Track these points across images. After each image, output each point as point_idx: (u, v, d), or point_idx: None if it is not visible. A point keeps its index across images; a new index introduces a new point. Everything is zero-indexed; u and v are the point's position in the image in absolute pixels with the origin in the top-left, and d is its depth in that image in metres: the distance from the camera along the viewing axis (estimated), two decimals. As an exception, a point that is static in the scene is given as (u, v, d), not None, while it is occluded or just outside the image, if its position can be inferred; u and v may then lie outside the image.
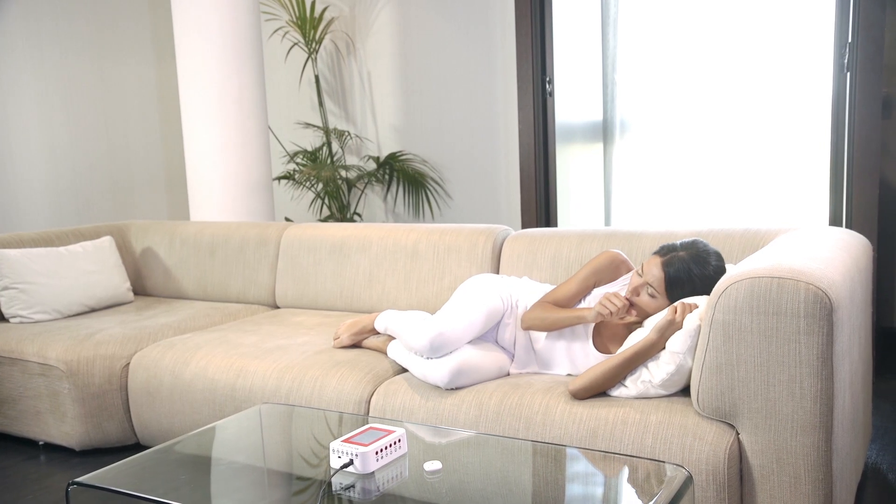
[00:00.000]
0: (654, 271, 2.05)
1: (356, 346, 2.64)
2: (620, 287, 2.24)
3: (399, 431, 1.74)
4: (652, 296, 2.05)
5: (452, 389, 2.18)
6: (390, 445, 1.70)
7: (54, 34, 4.62)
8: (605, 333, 2.22)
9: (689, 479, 1.58)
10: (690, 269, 2.02)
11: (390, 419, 2.19)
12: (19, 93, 4.48)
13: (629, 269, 2.28)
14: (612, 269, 2.25)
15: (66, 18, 4.68)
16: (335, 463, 1.67)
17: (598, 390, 2.00)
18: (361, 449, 1.64)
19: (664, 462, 1.68)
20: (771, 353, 1.73)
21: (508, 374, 2.29)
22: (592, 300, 2.24)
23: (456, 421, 2.10)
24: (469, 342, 2.26)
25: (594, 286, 2.26)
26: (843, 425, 1.84)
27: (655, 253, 2.09)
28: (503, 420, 2.04)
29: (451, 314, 2.26)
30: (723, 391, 1.80)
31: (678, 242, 2.09)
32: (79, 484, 1.70)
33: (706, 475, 1.79)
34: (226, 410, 2.53)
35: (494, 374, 2.25)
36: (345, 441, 1.68)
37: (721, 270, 2.07)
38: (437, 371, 2.18)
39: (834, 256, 1.93)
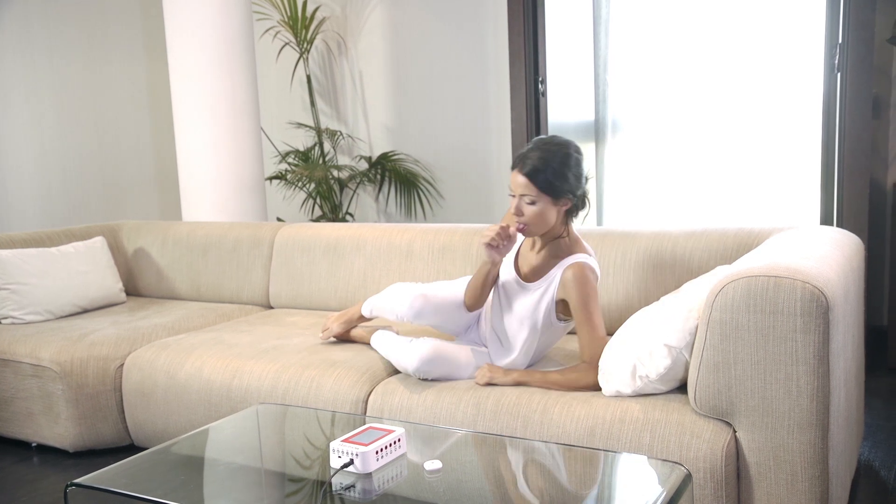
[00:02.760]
0: (517, 180, 2.08)
1: (345, 339, 2.68)
2: (520, 238, 2.28)
3: (399, 431, 1.74)
4: (532, 203, 2.07)
5: (425, 380, 2.22)
6: (390, 445, 1.70)
7: (45, 37, 4.60)
8: (527, 270, 2.24)
9: (688, 477, 1.59)
10: (545, 157, 2.05)
11: (388, 419, 2.19)
12: (10, 95, 4.46)
13: None
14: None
15: (57, 21, 4.66)
16: (335, 463, 1.67)
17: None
18: (362, 449, 1.64)
19: (664, 460, 1.69)
20: (768, 352, 1.74)
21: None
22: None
23: (454, 420, 2.11)
24: (447, 340, 2.30)
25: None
26: (839, 422, 1.85)
27: (512, 169, 2.11)
28: (501, 419, 2.05)
29: (436, 286, 2.36)
30: (720, 389, 1.81)
31: (524, 149, 2.11)
32: (77, 485, 1.69)
33: (704, 473, 1.80)
34: (221, 411, 2.53)
35: (467, 369, 2.26)
36: (345, 441, 1.68)
37: (574, 145, 2.11)
38: (408, 357, 2.23)
39: (828, 255, 1.95)
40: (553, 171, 2.04)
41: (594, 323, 2.10)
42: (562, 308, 2.18)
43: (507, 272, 2.26)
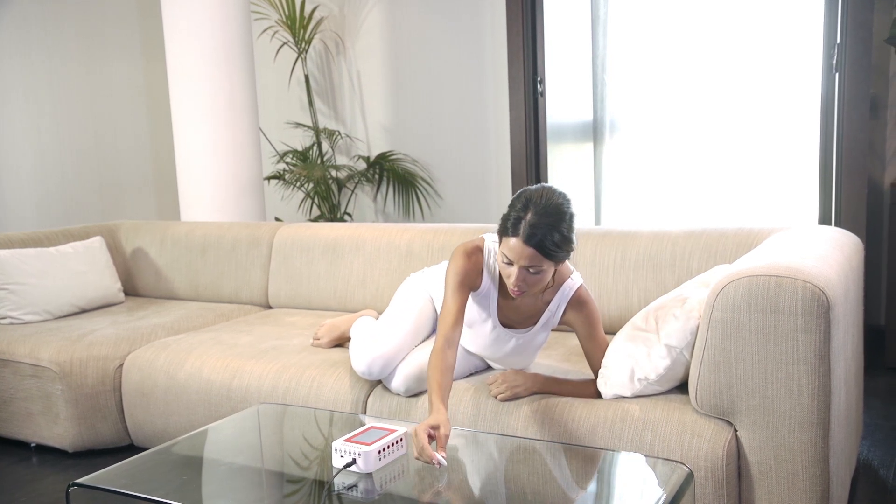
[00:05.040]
0: (523, 253, 1.86)
1: (338, 345, 2.67)
2: (490, 282, 2.09)
3: (400, 431, 1.74)
4: (537, 272, 1.89)
5: (414, 396, 2.20)
6: (392, 445, 1.70)
7: (42, 38, 4.59)
8: (510, 313, 2.13)
9: (689, 476, 1.59)
10: (549, 224, 1.85)
11: (388, 419, 2.19)
12: (8, 95, 4.45)
13: (480, 249, 2.10)
14: (473, 268, 2.07)
15: (55, 21, 4.65)
16: (338, 462, 1.67)
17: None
18: (364, 448, 1.64)
19: (665, 459, 1.69)
20: (769, 351, 1.75)
21: (486, 364, 2.30)
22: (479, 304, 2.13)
23: (454, 420, 2.11)
24: (422, 345, 2.28)
25: (469, 293, 2.09)
26: (839, 421, 1.86)
27: (507, 235, 1.89)
28: (501, 419, 2.05)
29: (391, 331, 2.27)
30: (721, 389, 1.81)
31: (512, 212, 1.90)
32: (79, 485, 1.69)
33: (705, 472, 1.80)
34: (221, 411, 2.52)
35: (463, 370, 2.24)
36: (347, 440, 1.68)
37: (567, 201, 1.92)
38: (394, 381, 2.21)
39: (828, 255, 1.95)
40: (562, 237, 1.86)
41: (603, 343, 2.08)
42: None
43: (494, 331, 2.14)
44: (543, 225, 1.84)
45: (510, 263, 1.90)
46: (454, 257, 2.07)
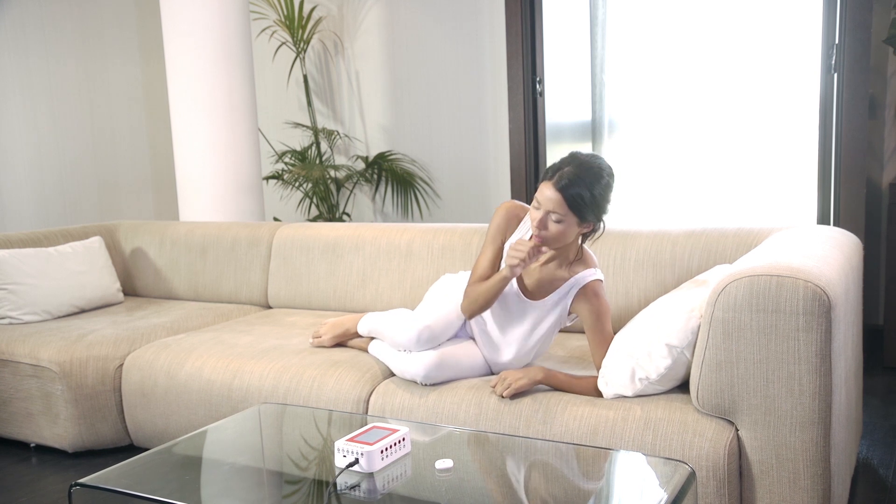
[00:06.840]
0: (550, 195, 2.00)
1: (340, 345, 2.65)
2: (526, 231, 2.20)
3: (403, 430, 1.74)
4: (559, 221, 2.02)
5: (429, 385, 2.21)
6: (394, 444, 1.70)
7: (40, 37, 4.58)
8: (530, 283, 2.19)
9: (692, 476, 1.59)
10: (582, 178, 2.00)
11: (389, 418, 2.19)
12: (5, 96, 4.44)
13: (525, 208, 2.23)
14: (513, 219, 2.22)
15: (52, 22, 4.64)
16: (340, 462, 1.67)
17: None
18: (367, 448, 1.65)
19: (667, 458, 1.69)
20: (770, 351, 1.75)
21: (491, 372, 2.31)
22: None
23: (456, 420, 2.11)
24: (447, 339, 2.30)
25: (503, 244, 2.23)
26: (840, 421, 1.86)
27: (543, 180, 2.04)
28: (503, 419, 2.05)
29: (435, 310, 2.30)
30: (722, 388, 1.82)
31: (556, 163, 2.05)
32: (81, 485, 1.68)
33: (706, 471, 1.81)
34: (222, 411, 2.52)
35: (474, 370, 2.26)
36: (349, 440, 1.68)
37: (609, 169, 2.08)
38: (414, 366, 2.21)
39: (829, 255, 1.96)
40: (588, 192, 2.00)
41: (608, 337, 2.11)
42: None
43: (513, 293, 2.21)
44: (576, 178, 2.00)
45: (538, 208, 2.03)
46: (496, 211, 2.25)
